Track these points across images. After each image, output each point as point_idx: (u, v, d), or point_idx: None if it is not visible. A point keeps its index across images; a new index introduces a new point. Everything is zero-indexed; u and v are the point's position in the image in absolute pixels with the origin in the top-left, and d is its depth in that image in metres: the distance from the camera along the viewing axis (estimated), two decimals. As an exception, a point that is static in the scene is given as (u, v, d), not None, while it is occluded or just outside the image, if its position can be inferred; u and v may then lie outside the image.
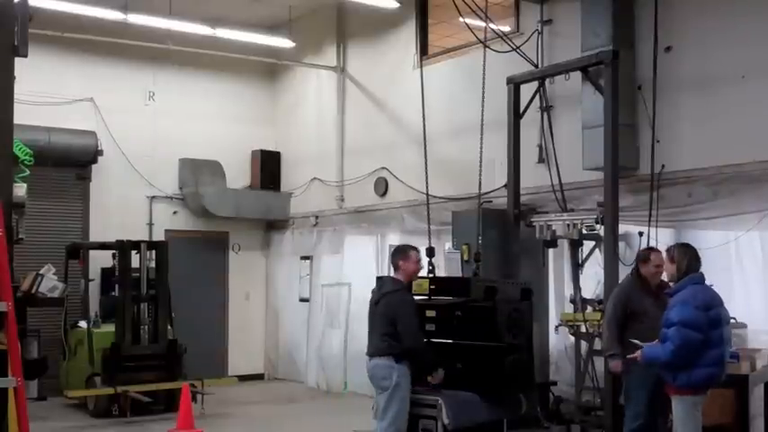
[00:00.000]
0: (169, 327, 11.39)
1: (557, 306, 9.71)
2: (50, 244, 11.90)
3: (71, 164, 12.71)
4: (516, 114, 9.64)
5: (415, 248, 7.35)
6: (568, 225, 9.03)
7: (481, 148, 9.24)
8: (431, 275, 8.49)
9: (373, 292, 7.33)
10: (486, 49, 9.67)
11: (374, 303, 7.19)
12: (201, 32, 12.53)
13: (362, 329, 12.30)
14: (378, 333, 7.06)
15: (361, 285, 12.44)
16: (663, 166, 8.78)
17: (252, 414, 11.33)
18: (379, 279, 7.70)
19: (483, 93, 9.23)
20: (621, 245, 8.80)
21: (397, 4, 11.66)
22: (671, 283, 6.38)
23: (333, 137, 13.47)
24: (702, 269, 8.43)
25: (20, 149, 7.83)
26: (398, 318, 6.89)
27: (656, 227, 8.66)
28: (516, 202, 9.58)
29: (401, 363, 6.86)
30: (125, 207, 13.27)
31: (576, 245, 9.17)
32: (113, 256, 11.48)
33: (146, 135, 13.50)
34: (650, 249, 7.43)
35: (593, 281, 9.16)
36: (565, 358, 9.56)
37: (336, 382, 12.88)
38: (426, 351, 7.18)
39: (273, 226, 14.71)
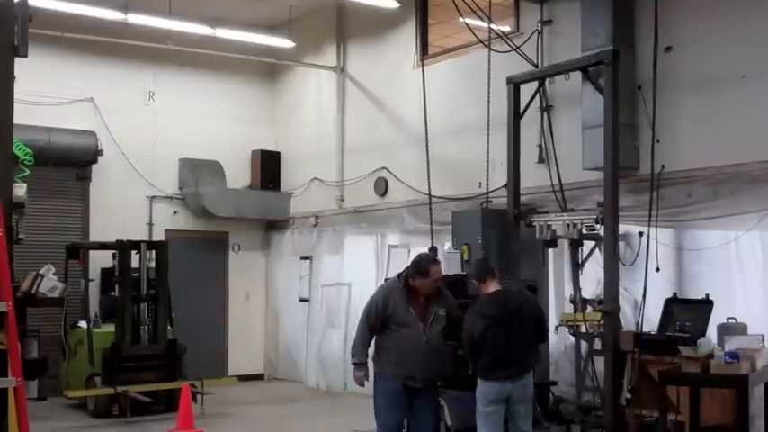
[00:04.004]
0: (169, 327, 11.40)
1: (557, 306, 9.71)
2: (50, 244, 11.89)
3: (71, 164, 12.71)
4: (516, 114, 9.63)
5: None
6: (568, 225, 9.01)
7: (488, 147, 9.16)
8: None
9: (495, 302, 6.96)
10: (487, 49, 9.66)
11: (516, 310, 6.88)
12: (201, 32, 12.53)
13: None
14: (523, 345, 6.87)
15: (361, 285, 12.48)
16: (663, 166, 8.77)
17: (252, 414, 11.33)
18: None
19: (488, 93, 9.19)
20: (621, 245, 8.79)
21: (397, 4, 11.66)
22: None
23: (333, 137, 13.47)
24: (702, 269, 8.51)
25: (20, 149, 7.82)
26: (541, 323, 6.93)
27: (656, 227, 8.66)
28: (516, 202, 9.57)
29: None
30: (125, 207, 13.27)
31: (575, 245, 9.16)
32: (113, 256, 11.48)
33: (146, 135, 13.50)
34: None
35: (593, 281, 9.15)
36: (565, 358, 9.55)
37: (336, 382, 12.88)
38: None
39: (273, 226, 14.71)
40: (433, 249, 8.83)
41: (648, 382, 7.67)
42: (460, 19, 10.23)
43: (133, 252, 11.31)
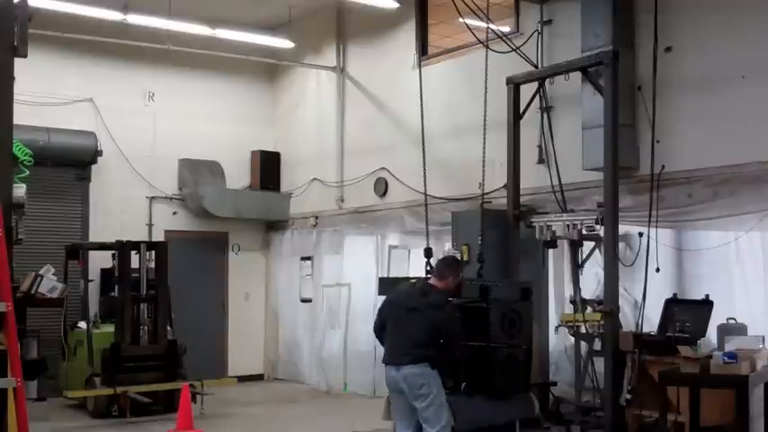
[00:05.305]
0: (169, 327, 11.39)
1: (557, 306, 9.71)
2: (50, 244, 11.90)
3: (71, 164, 12.71)
4: (516, 115, 9.64)
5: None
6: (568, 225, 9.02)
7: (484, 148, 9.16)
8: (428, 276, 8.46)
9: (401, 292, 7.14)
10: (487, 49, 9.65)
11: (409, 309, 6.83)
12: (201, 33, 12.52)
13: (363, 330, 12.46)
14: (412, 340, 6.74)
15: (361, 286, 12.47)
16: (663, 166, 8.77)
17: (252, 414, 11.32)
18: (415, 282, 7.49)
19: (485, 93, 9.17)
20: (621, 245, 8.80)
21: (397, 5, 11.66)
22: None
23: (333, 137, 13.47)
24: (703, 270, 8.50)
25: (20, 150, 7.84)
26: (448, 333, 6.77)
27: (656, 227, 8.66)
28: (516, 203, 9.58)
29: (434, 368, 6.70)
30: (125, 207, 13.27)
31: (575, 245, 9.17)
32: (113, 256, 11.47)
33: (146, 135, 13.49)
34: None
35: (593, 281, 9.16)
36: (565, 359, 9.55)
37: (336, 382, 12.88)
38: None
39: (273, 226, 14.71)
40: (429, 250, 8.82)
41: (648, 382, 7.67)
42: (460, 19, 10.22)
43: (133, 252, 11.31)
